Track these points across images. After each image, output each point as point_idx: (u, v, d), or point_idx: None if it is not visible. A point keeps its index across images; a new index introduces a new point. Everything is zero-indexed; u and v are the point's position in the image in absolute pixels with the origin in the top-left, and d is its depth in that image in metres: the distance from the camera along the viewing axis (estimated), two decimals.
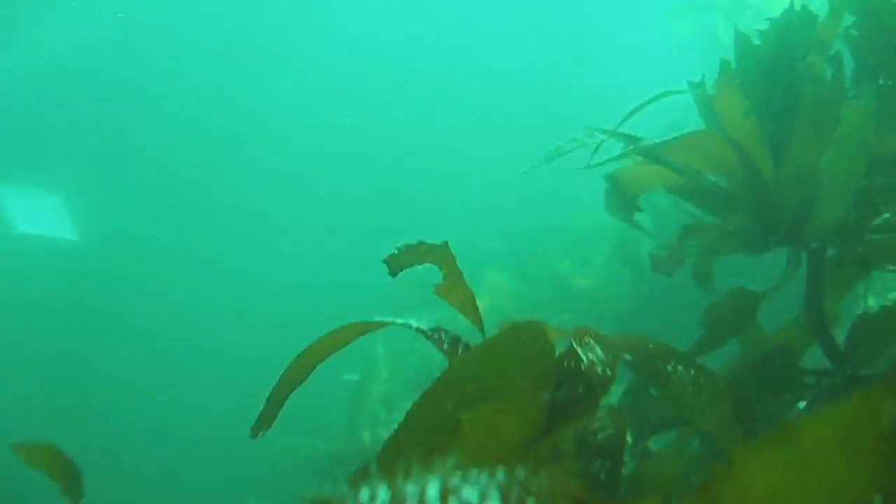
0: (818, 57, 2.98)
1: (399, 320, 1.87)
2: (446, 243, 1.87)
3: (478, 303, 6.21)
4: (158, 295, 19.55)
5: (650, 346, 1.94)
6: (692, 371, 1.85)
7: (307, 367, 2.10)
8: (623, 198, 3.09)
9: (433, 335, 1.82)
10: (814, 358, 3.06)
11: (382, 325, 1.97)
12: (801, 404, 2.73)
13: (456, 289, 1.90)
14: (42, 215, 21.20)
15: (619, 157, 3.05)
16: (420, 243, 1.86)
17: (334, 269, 18.57)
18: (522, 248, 8.16)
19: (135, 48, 21.17)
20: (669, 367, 1.87)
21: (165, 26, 21.18)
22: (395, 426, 1.54)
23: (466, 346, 1.81)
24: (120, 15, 20.09)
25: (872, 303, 4.44)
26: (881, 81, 2.87)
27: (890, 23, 2.67)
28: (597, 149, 2.96)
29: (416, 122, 22.76)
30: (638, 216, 3.17)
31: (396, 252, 1.88)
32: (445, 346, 1.78)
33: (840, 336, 2.76)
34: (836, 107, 2.61)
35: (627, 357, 2.34)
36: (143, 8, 20.60)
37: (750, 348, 2.88)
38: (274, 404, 2.06)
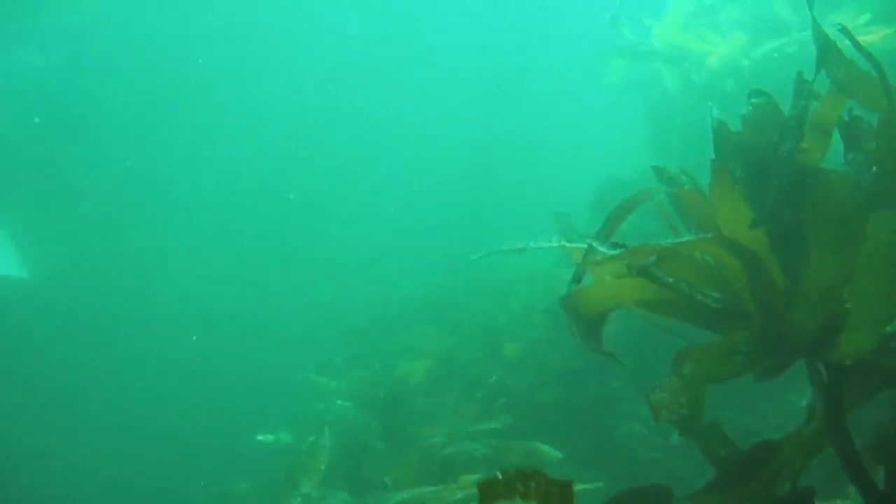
0: (816, 141, 2.63)
1: None
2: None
3: (415, 367, 5.57)
4: (114, 331, 18.41)
5: None
6: None
7: None
8: (585, 324, 2.63)
9: None
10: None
11: None
12: None
13: None
14: None
15: (593, 263, 2.61)
16: (522, 474, 1.35)
17: (274, 315, 17.87)
18: (455, 302, 7.73)
19: (82, 74, 20.32)
20: None
21: (114, 51, 20.46)
22: None
23: None
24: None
25: None
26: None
27: None
28: (585, 259, 2.51)
29: (352, 171, 22.60)
30: None
31: (499, 480, 1.37)
32: None
33: None
34: (859, 220, 2.23)
35: None
36: (92, 32, 19.75)
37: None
38: None
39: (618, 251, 2.48)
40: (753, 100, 2.70)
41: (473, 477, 4.76)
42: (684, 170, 2.98)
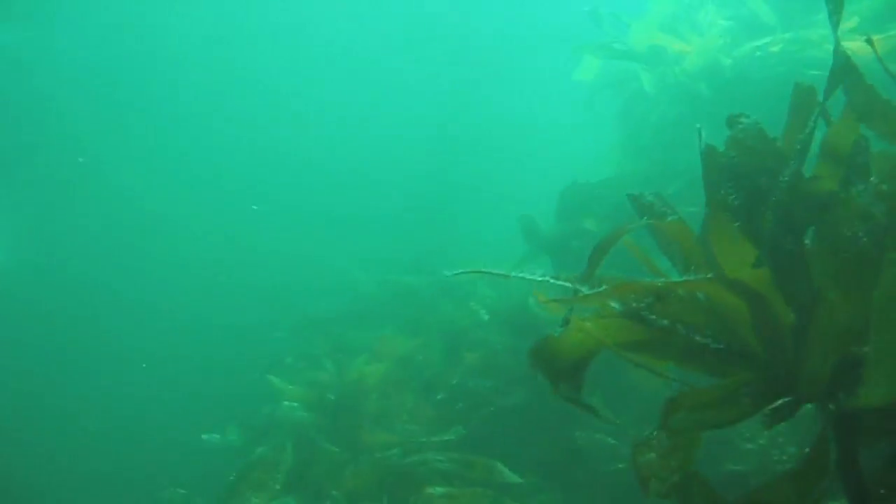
0: (829, 169, 2.39)
1: None
2: None
3: (372, 369, 5.22)
4: (91, 316, 17.77)
5: None
6: None
7: None
8: (560, 373, 2.36)
9: None
10: None
11: None
12: None
13: None
14: None
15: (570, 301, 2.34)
16: None
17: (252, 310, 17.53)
18: (416, 301, 7.43)
19: (55, 54, 19.64)
20: None
21: (82, 37, 19.91)
22: None
23: None
24: None
25: None
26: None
27: None
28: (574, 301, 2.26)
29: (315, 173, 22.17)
30: None
31: None
32: None
33: None
34: (875, 257, 2.02)
35: None
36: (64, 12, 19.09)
37: None
38: None
39: (600, 289, 2.22)
40: (743, 120, 2.46)
41: (438, 490, 4.51)
42: (660, 196, 2.72)
